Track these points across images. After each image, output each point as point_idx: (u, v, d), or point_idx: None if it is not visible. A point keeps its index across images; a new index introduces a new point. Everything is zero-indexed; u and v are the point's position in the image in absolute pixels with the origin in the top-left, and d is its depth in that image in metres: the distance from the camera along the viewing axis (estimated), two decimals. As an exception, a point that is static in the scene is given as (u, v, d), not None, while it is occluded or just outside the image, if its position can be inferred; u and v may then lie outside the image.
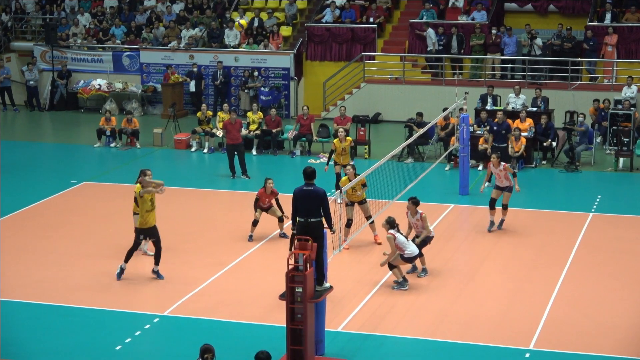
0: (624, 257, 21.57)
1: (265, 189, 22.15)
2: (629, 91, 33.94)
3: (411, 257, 19.41)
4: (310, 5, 42.18)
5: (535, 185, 28.21)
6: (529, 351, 16.48)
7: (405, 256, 19.31)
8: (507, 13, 40.27)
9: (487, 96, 32.92)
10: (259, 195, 22.37)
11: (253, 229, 22.29)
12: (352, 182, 20.73)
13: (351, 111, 34.76)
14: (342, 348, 16.61)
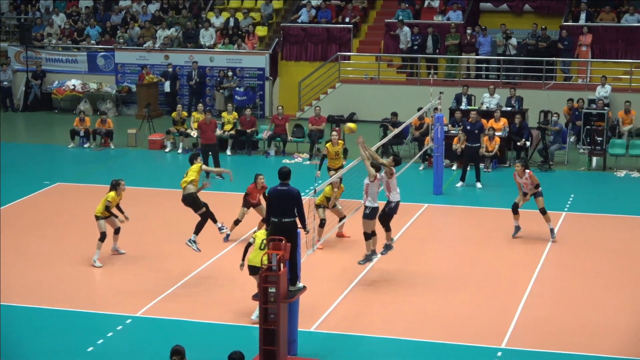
0: (596, 255, 21.66)
1: (256, 184, 21.82)
2: (602, 91, 34.12)
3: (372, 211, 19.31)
4: (286, 5, 42.21)
5: (510, 184, 28.18)
6: (501, 350, 16.50)
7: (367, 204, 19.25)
8: (482, 13, 40.40)
9: (461, 96, 33.01)
10: (250, 191, 22.04)
11: (233, 227, 22.13)
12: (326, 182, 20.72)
13: (326, 111, 34.79)
14: (315, 348, 16.58)
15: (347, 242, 22.35)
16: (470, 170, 28.02)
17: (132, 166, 30.81)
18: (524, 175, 22.44)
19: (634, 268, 20.81)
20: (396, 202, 19.64)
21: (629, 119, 32.99)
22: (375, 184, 19.30)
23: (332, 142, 24.87)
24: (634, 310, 18.35)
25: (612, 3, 38.24)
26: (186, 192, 20.46)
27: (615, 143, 31.04)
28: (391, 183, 19.54)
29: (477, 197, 26.97)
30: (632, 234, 23.35)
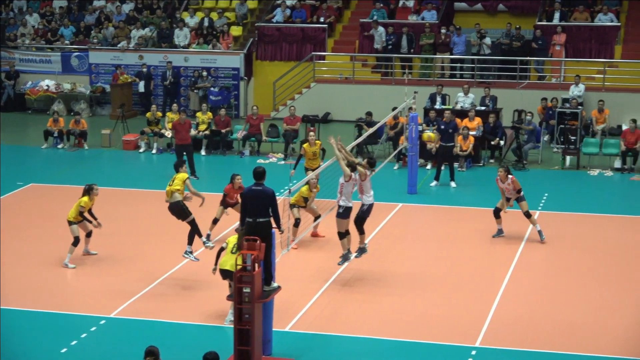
0: (570, 253, 21.76)
1: (233, 184, 21.63)
2: (576, 90, 34.28)
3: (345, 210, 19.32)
4: (260, 5, 42.20)
5: (483, 183, 28.38)
6: (475, 348, 16.55)
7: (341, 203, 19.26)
8: (456, 12, 40.52)
9: (436, 95, 33.08)
10: (227, 192, 21.89)
11: (212, 226, 22.02)
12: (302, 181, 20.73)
13: (301, 111, 34.81)
14: (289, 348, 16.58)
15: (322, 241, 22.37)
16: (444, 170, 28.09)
17: (106, 167, 30.74)
18: (506, 181, 22.47)
19: (608, 266, 20.91)
20: (369, 205, 19.60)
21: (602, 118, 33.15)
22: (350, 184, 19.30)
23: (309, 142, 24.86)
24: (608, 307, 18.44)
25: (585, 2, 38.43)
26: (173, 200, 20.00)
27: (588, 142, 31.18)
28: (364, 185, 19.49)
29: (452, 196, 27.04)
30: (606, 233, 23.46)
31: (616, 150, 30.49)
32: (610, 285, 19.76)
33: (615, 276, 20.31)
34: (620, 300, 18.88)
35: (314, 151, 24.67)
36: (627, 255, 21.75)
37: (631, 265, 21.04)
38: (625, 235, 23.33)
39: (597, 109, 33.25)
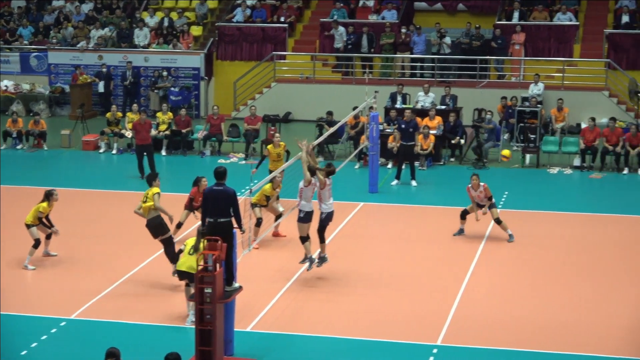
0: (531, 251, 21.88)
1: (199, 187, 21.32)
2: (535, 88, 34.51)
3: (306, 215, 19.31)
4: (221, 4, 42.14)
5: (444, 182, 28.52)
6: (436, 347, 16.60)
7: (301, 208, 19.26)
8: (416, 12, 40.65)
9: (396, 94, 33.16)
10: (193, 195, 21.61)
11: (176, 231, 21.81)
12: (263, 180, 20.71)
13: (262, 110, 34.77)
14: (251, 348, 16.55)
15: (283, 241, 22.35)
16: (405, 169, 28.16)
17: (65, 167, 30.54)
18: (478, 189, 22.52)
19: (568, 263, 21.05)
20: (327, 213, 19.53)
21: (561, 116, 33.38)
22: (310, 188, 19.28)
23: (273, 143, 24.78)
24: (567, 305, 18.55)
25: (544, 2, 38.69)
26: (150, 217, 19.45)
27: (548, 140, 31.38)
28: (323, 194, 19.41)
29: (412, 195, 27.12)
30: (565, 230, 23.62)
31: (575, 149, 30.69)
32: (570, 282, 19.88)
33: (576, 273, 20.45)
34: (581, 297, 19.01)
35: (278, 152, 24.60)
36: (586, 252, 21.90)
37: (591, 262, 21.19)
38: (585, 232, 23.51)
39: (557, 108, 33.49)
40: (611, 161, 30.24)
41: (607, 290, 19.39)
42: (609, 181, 28.96)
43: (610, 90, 35.54)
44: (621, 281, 19.97)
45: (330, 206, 19.56)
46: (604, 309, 18.37)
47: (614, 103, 35.15)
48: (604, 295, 19.14)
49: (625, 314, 18.12)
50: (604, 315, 18.01)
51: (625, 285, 19.69)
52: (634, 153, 29.65)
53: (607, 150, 29.95)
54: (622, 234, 23.32)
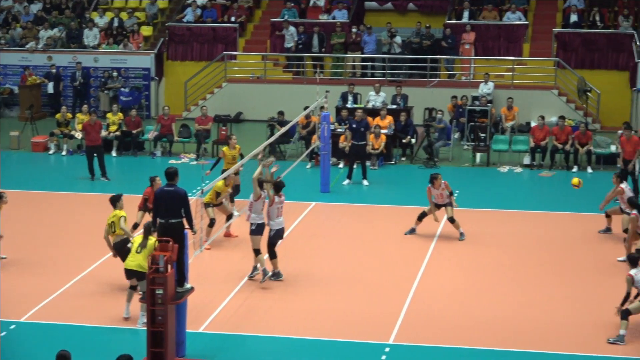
0: (482, 249, 22.01)
1: (153, 187, 20.93)
2: (485, 88, 34.72)
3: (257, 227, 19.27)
4: (171, 4, 41.99)
5: (395, 181, 28.63)
6: (388, 345, 16.64)
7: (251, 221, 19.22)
8: (367, 12, 40.75)
9: (347, 94, 33.21)
10: (147, 195, 21.31)
11: (133, 231, 21.48)
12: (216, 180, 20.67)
13: (213, 111, 34.69)
14: (203, 349, 16.51)
15: (235, 241, 22.30)
16: (356, 168, 28.22)
17: (14, 169, 30.23)
18: (440, 186, 22.57)
19: (519, 261, 21.19)
20: (276, 230, 19.51)
21: (511, 115, 33.62)
22: (260, 202, 19.26)
23: (229, 145, 24.65)
24: (517, 302, 18.68)
25: (494, 1, 38.93)
26: (118, 239, 18.81)
27: (498, 139, 31.58)
28: (271, 211, 19.39)
29: (364, 194, 27.18)
30: (515, 228, 23.78)
31: (525, 147, 30.92)
32: (522, 280, 20.02)
33: (526, 271, 20.59)
34: (531, 294, 19.15)
35: (233, 155, 24.46)
36: (536, 249, 22.07)
37: (541, 260, 21.35)
38: (535, 230, 23.68)
39: (507, 107, 33.72)
40: (561, 159, 30.49)
41: (556, 288, 19.55)
42: (559, 179, 29.19)
43: (560, 89, 35.85)
44: (570, 278, 20.15)
45: (279, 224, 19.52)
46: (554, 306, 18.52)
47: (563, 102, 35.46)
48: (554, 292, 19.30)
49: (573, 310, 18.27)
50: (554, 313, 18.15)
51: (574, 282, 19.87)
52: (583, 151, 29.90)
53: (557, 148, 30.20)
54: (571, 232, 23.52)
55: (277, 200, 19.40)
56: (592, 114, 35.04)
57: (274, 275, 19.67)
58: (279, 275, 19.71)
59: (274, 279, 19.60)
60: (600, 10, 37.93)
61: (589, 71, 36.23)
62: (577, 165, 29.98)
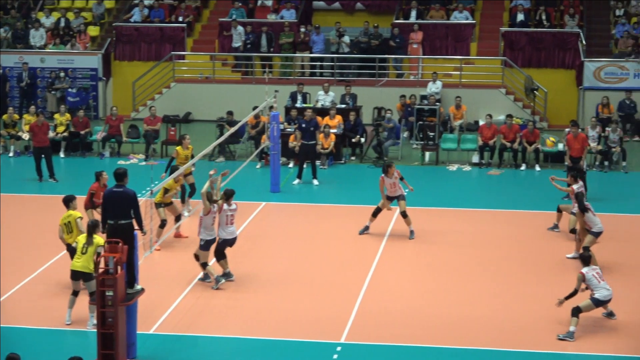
0: (432, 247, 22.11)
1: (100, 182, 20.85)
2: (434, 87, 34.87)
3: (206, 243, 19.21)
4: (118, 4, 41.72)
5: (345, 180, 28.69)
6: (340, 344, 16.66)
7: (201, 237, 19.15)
8: (315, 11, 40.77)
9: (296, 94, 33.22)
10: (95, 190, 20.88)
11: None
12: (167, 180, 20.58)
13: (161, 111, 34.53)
14: (154, 350, 16.44)
15: (185, 242, 22.21)
16: (306, 168, 28.23)
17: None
18: (393, 175, 22.57)
19: (468, 259, 21.30)
20: (224, 239, 19.44)
21: (459, 114, 33.82)
22: (210, 217, 19.19)
23: (183, 145, 24.47)
24: (467, 300, 18.78)
25: (441, 1, 39.10)
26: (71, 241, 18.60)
27: (447, 138, 31.75)
28: (221, 218, 19.32)
29: (314, 193, 27.20)
30: (465, 226, 23.91)
31: (474, 146, 31.11)
32: (471, 278, 20.13)
33: (475, 268, 20.71)
34: (481, 291, 19.26)
35: (186, 155, 24.27)
36: (485, 247, 22.20)
37: (490, 257, 21.48)
38: (484, 228, 23.83)
39: (455, 105, 33.93)
40: (509, 158, 30.70)
41: (506, 285, 19.68)
42: (507, 177, 29.41)
43: (507, 87, 36.12)
44: (519, 275, 20.28)
45: (230, 233, 19.45)
46: (504, 303, 18.63)
47: (511, 100, 35.72)
48: (504, 289, 19.42)
49: (522, 308, 18.39)
50: (504, 310, 18.27)
51: (523, 280, 20.00)
52: (531, 149, 30.13)
53: (505, 147, 30.41)
54: (519, 230, 23.69)
55: (226, 208, 19.34)
56: (539, 113, 35.36)
57: (225, 276, 19.62)
58: (230, 276, 19.67)
59: (225, 279, 19.54)
60: (547, 9, 38.27)
61: (536, 70, 36.57)
62: (525, 163, 30.21)
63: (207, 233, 19.22)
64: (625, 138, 32.22)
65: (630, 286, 19.50)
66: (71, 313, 17.44)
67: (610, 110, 33.96)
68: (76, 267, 17.17)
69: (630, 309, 18.17)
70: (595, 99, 34.90)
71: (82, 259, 17.05)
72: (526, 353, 16.45)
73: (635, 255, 21.66)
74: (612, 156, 29.93)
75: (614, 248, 21.93)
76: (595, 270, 17.34)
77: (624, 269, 20.61)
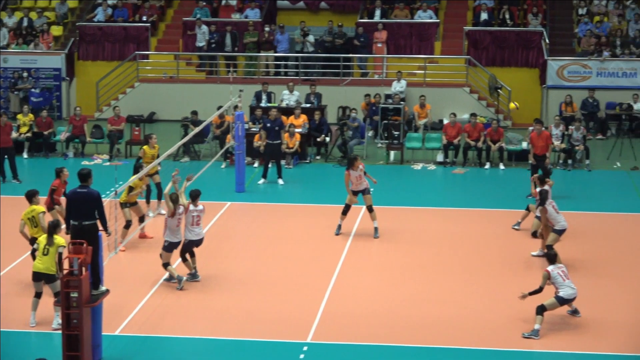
0: (397, 246, 22.15)
1: (61, 178, 20.72)
2: (398, 86, 34.92)
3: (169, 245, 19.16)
4: (81, 4, 41.52)
5: (311, 180, 28.69)
6: (307, 344, 16.66)
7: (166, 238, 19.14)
8: (279, 11, 40.76)
9: (261, 93, 33.18)
10: (56, 186, 20.84)
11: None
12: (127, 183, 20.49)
13: (125, 111, 34.38)
14: (120, 351, 16.37)
15: (150, 242, 22.13)
16: (271, 167, 28.20)
17: None
18: (359, 167, 22.55)
19: (433, 258, 21.36)
20: (189, 241, 19.43)
21: (424, 113, 33.91)
22: (174, 219, 19.13)
23: (149, 144, 24.37)
24: (432, 299, 18.82)
25: (405, 0, 39.16)
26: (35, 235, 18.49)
27: (411, 137, 31.83)
28: (186, 218, 19.30)
29: (280, 193, 27.18)
30: (430, 225, 23.97)
31: (438, 145, 31.21)
32: (437, 276, 20.18)
33: (442, 268, 20.76)
34: (446, 290, 19.32)
35: (153, 154, 24.16)
36: (451, 247, 22.26)
37: (456, 256, 21.55)
38: (450, 227, 23.88)
39: (419, 104, 34.01)
40: (473, 156, 30.82)
41: (471, 284, 19.74)
42: (471, 176, 29.52)
43: (471, 86, 36.25)
44: (485, 274, 20.36)
45: (196, 235, 19.40)
46: (470, 301, 18.70)
47: (475, 99, 35.86)
48: (469, 288, 19.49)
49: (488, 306, 18.46)
50: (470, 308, 18.33)
51: (489, 278, 20.08)
52: (495, 148, 30.26)
53: (469, 145, 30.52)
54: (485, 228, 23.78)
55: (192, 209, 19.29)
56: (503, 111, 35.50)
57: (191, 277, 19.57)
58: (196, 276, 19.62)
59: (189, 279, 19.49)
60: (510, 8, 38.45)
61: (500, 69, 36.75)
62: (489, 162, 30.32)
63: (171, 235, 19.17)
64: (589, 136, 32.42)
65: (594, 284, 19.63)
66: (35, 315, 17.31)
67: (573, 108, 34.18)
68: (38, 269, 17.05)
69: (595, 306, 18.30)
70: (559, 98, 35.12)
71: (44, 260, 16.94)
72: (492, 351, 16.52)
73: (599, 253, 21.81)
74: (575, 154, 30.11)
75: (577, 246, 22.09)
76: (560, 268, 17.45)
77: (588, 267, 20.74)
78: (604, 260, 21.34)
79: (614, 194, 27.42)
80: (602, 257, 21.57)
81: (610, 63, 35.78)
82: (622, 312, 18.20)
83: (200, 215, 19.41)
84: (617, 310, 18.31)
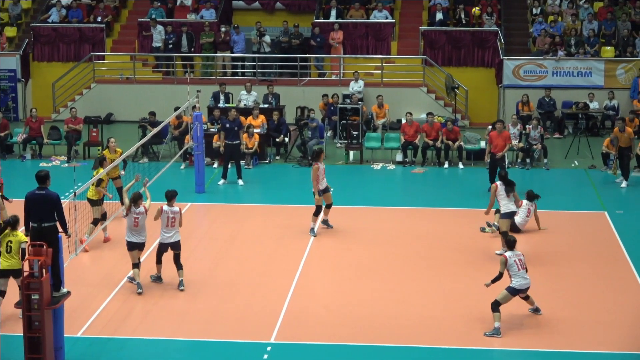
0: (357, 247, 22.17)
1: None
2: (356, 86, 34.99)
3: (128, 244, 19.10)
4: (35, 4, 41.20)
5: (270, 180, 28.66)
6: (270, 344, 16.64)
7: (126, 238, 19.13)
8: (235, 11, 40.71)
9: (219, 94, 33.10)
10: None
11: None
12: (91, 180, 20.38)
13: (82, 112, 34.15)
14: (82, 353, 16.28)
15: (111, 244, 22.01)
16: (231, 168, 28.13)
17: None
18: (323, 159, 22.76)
19: (394, 258, 21.40)
20: (161, 244, 19.37)
21: (382, 112, 33.99)
22: (130, 217, 19.04)
23: (109, 149, 24.24)
24: (395, 298, 18.88)
25: (360, 0, 39.21)
26: None
27: (370, 137, 31.89)
28: (162, 221, 19.29)
29: (239, 193, 27.13)
30: (390, 225, 24.03)
31: (397, 144, 31.28)
32: (398, 275, 20.23)
33: (402, 267, 20.81)
34: (408, 289, 19.38)
35: (113, 159, 23.98)
36: (412, 246, 22.31)
37: (417, 255, 21.61)
38: (410, 226, 23.96)
39: (377, 104, 34.09)
40: (432, 156, 30.92)
41: (433, 283, 19.82)
42: (431, 175, 29.61)
43: (428, 86, 36.38)
44: (446, 273, 20.44)
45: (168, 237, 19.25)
46: (432, 300, 18.77)
47: (432, 99, 36.01)
48: (431, 287, 19.57)
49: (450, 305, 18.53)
50: (432, 307, 18.40)
51: (450, 277, 20.16)
52: (454, 147, 30.38)
53: (428, 145, 30.62)
54: (445, 227, 23.86)
55: (167, 210, 19.20)
56: (461, 111, 35.68)
57: (157, 278, 19.52)
58: (160, 280, 19.55)
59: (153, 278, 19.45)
60: (465, 8, 38.64)
61: (456, 68, 36.94)
62: (448, 161, 30.43)
63: (129, 234, 19.09)
64: (546, 135, 32.62)
65: (552, 281, 19.79)
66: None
67: (530, 107, 34.40)
68: (5, 267, 16.87)
69: (554, 303, 18.42)
70: (515, 97, 35.32)
71: (8, 257, 16.80)
72: (454, 350, 16.58)
73: (557, 251, 21.95)
74: (533, 153, 30.29)
75: (536, 244, 22.25)
76: (518, 256, 17.43)
77: (546, 264, 20.87)
78: (562, 257, 21.48)
79: (572, 192, 27.64)
80: (560, 254, 21.71)
81: (566, 62, 36.04)
82: (580, 309, 18.34)
83: (175, 217, 19.28)
84: (575, 307, 18.45)
